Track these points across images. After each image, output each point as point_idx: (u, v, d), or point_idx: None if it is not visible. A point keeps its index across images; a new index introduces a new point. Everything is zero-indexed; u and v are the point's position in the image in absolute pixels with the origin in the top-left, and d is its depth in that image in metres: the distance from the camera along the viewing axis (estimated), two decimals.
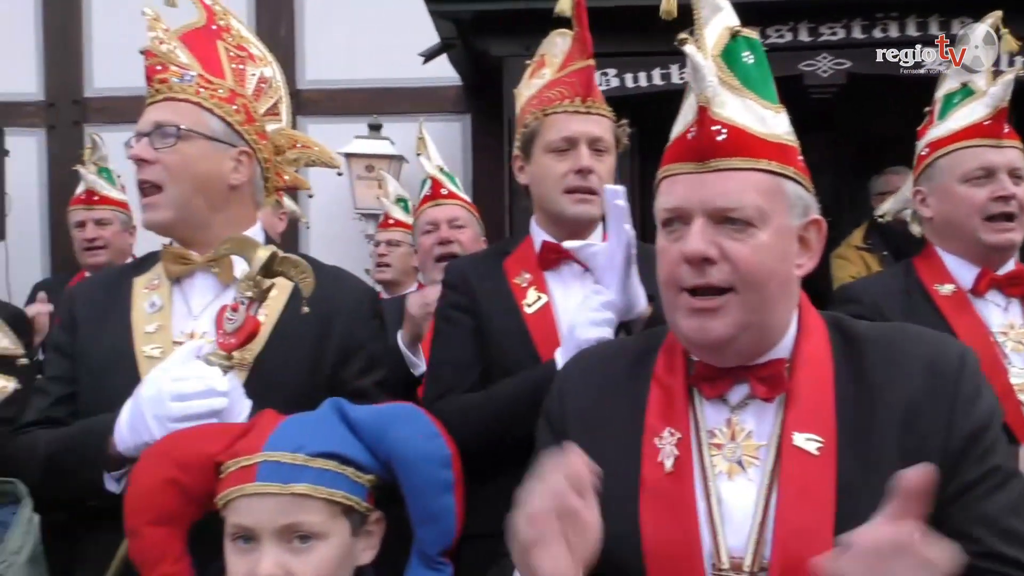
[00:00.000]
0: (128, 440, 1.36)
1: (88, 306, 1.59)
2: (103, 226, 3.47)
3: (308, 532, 1.13)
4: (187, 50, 1.59)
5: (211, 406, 1.32)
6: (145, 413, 1.33)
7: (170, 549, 1.19)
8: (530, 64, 2.00)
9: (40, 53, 4.79)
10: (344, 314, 1.57)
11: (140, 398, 1.35)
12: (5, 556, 1.16)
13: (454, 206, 2.99)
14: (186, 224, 1.56)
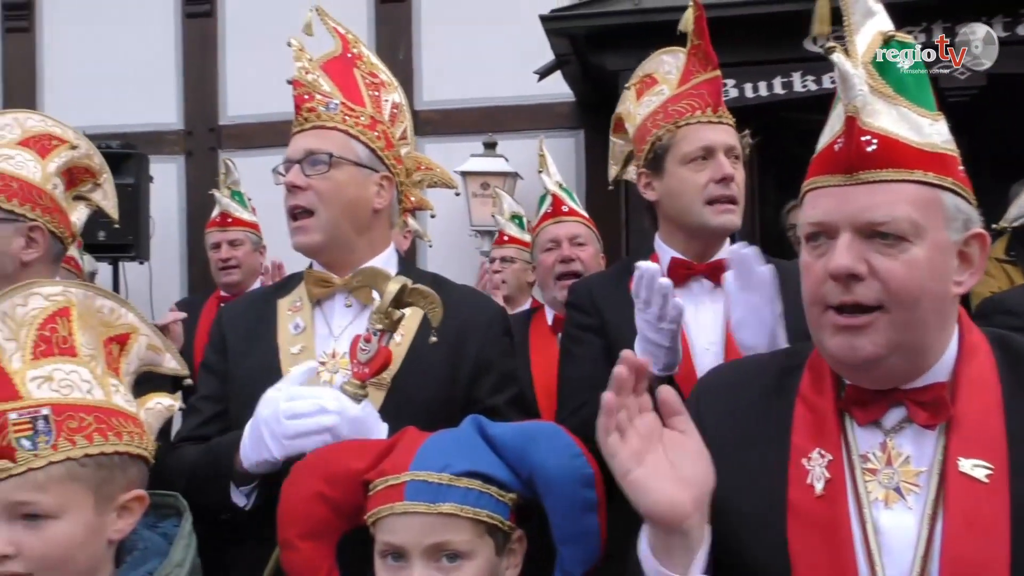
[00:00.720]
0: (251, 457, 1.41)
1: (237, 328, 1.66)
2: (235, 247, 3.66)
3: (456, 551, 1.14)
4: (329, 79, 1.66)
5: (322, 423, 1.35)
6: (263, 432, 1.38)
7: (322, 562, 1.23)
8: (631, 86, 1.99)
9: (180, 86, 5.10)
10: (476, 333, 1.60)
11: (258, 417, 1.40)
12: (170, 569, 1.21)
13: (575, 223, 2.97)
14: (334, 247, 1.62)
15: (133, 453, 1.21)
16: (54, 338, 1.20)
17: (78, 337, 1.23)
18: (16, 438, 1.11)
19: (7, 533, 1.11)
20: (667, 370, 1.57)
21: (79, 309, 1.25)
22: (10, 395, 1.13)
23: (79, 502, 1.14)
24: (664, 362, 1.55)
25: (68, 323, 1.23)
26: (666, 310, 1.49)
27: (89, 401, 1.18)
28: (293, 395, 1.38)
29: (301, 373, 1.43)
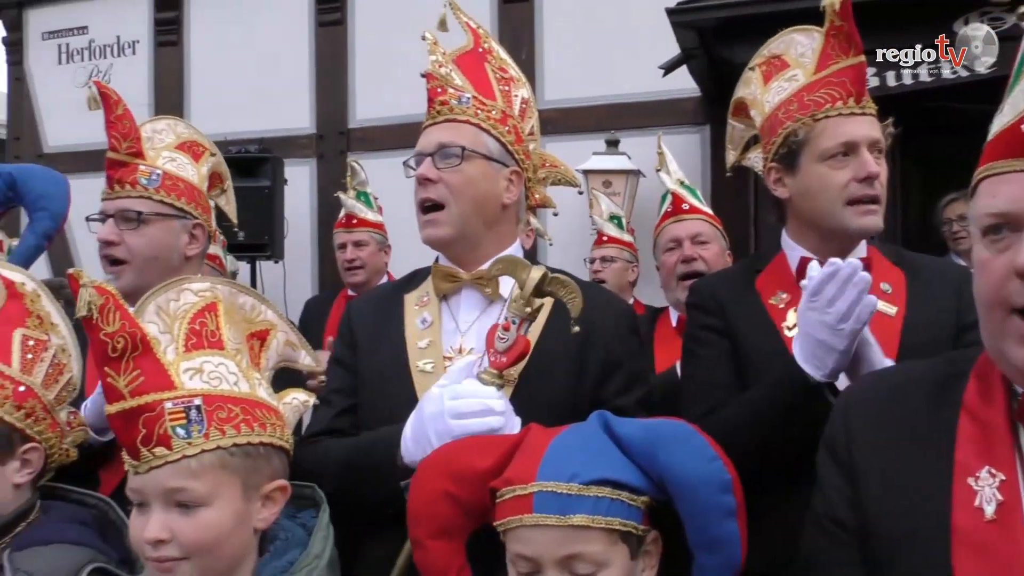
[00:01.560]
0: (413, 453, 1.41)
1: (365, 323, 1.69)
2: (361, 247, 3.76)
3: (590, 561, 1.11)
4: (461, 72, 1.66)
5: (488, 425, 1.35)
6: (428, 430, 1.38)
7: (452, 561, 1.23)
8: (756, 67, 1.84)
9: (312, 91, 5.31)
10: (604, 331, 1.56)
11: (423, 414, 1.41)
12: (310, 560, 1.24)
13: (697, 221, 2.88)
14: (462, 242, 1.62)
15: (276, 444, 1.25)
16: (204, 332, 1.26)
17: (225, 332, 1.28)
18: (172, 427, 1.16)
19: (163, 519, 1.16)
20: (832, 377, 1.47)
21: (225, 305, 1.31)
22: (166, 385, 1.18)
23: (228, 490, 1.18)
24: (831, 367, 1.45)
25: (216, 318, 1.28)
26: (856, 308, 1.38)
27: (236, 393, 1.23)
28: (458, 394, 1.38)
29: (461, 369, 1.43)
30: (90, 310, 1.16)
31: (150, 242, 1.93)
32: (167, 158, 2.00)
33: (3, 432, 1.46)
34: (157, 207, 1.95)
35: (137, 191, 1.93)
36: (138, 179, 1.94)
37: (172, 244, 1.96)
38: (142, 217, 1.92)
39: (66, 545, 1.46)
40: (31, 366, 1.52)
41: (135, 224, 1.92)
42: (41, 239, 2.42)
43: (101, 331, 1.17)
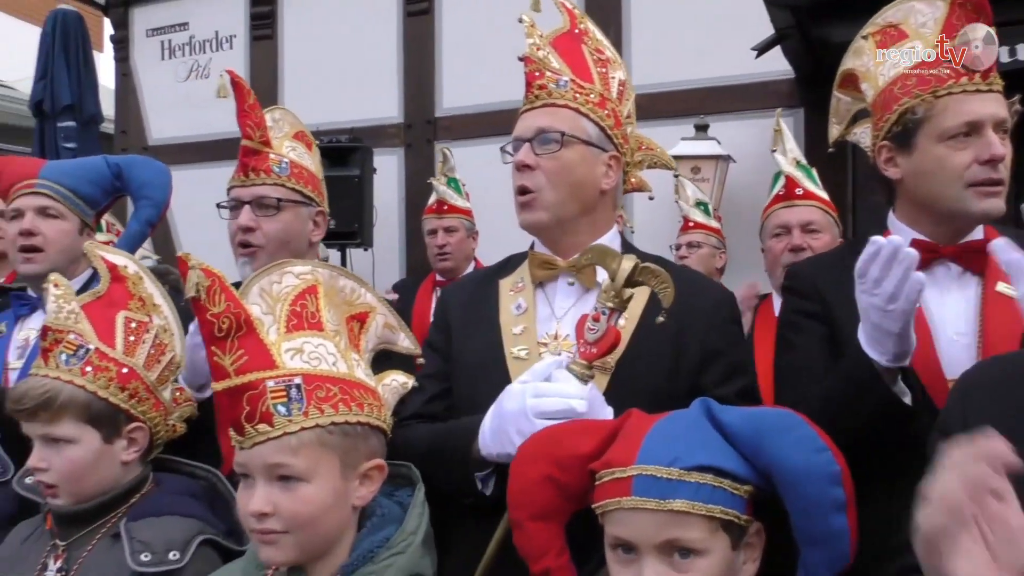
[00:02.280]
0: (491, 447, 1.42)
1: (460, 308, 1.69)
2: (451, 233, 3.82)
3: (689, 547, 1.10)
4: (558, 55, 1.64)
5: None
6: (508, 426, 1.38)
7: (552, 544, 1.23)
8: (869, 36, 1.72)
9: (400, 81, 5.39)
10: (702, 320, 1.53)
11: (503, 410, 1.40)
12: (405, 536, 1.27)
13: (809, 208, 2.75)
14: (558, 227, 1.60)
15: (373, 424, 1.28)
16: (304, 313, 1.29)
17: (324, 313, 1.31)
18: (273, 404, 1.20)
19: (266, 493, 1.20)
20: (897, 361, 1.41)
21: (325, 287, 1.34)
22: (268, 364, 1.22)
23: (327, 467, 1.22)
24: (892, 351, 1.39)
25: (316, 300, 1.32)
26: (903, 287, 1.32)
27: (334, 373, 1.26)
28: (540, 392, 1.37)
29: (546, 367, 1.42)
30: (198, 291, 1.21)
31: (283, 228, 2.01)
32: (289, 147, 2.08)
33: (109, 413, 1.54)
34: (289, 194, 2.03)
35: (272, 179, 2.02)
36: (271, 167, 2.02)
37: (301, 230, 2.05)
38: (280, 204, 2.00)
39: (177, 517, 1.54)
40: (133, 348, 1.60)
41: (272, 211, 2.00)
42: (144, 226, 2.52)
43: (208, 311, 1.21)
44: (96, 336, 1.56)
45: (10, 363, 2.24)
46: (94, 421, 1.52)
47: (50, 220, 2.29)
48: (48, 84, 4.69)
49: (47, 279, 2.26)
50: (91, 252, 1.71)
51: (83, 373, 1.51)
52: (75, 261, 2.36)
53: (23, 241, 2.26)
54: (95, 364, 1.53)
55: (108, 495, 1.55)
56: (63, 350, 1.52)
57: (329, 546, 1.26)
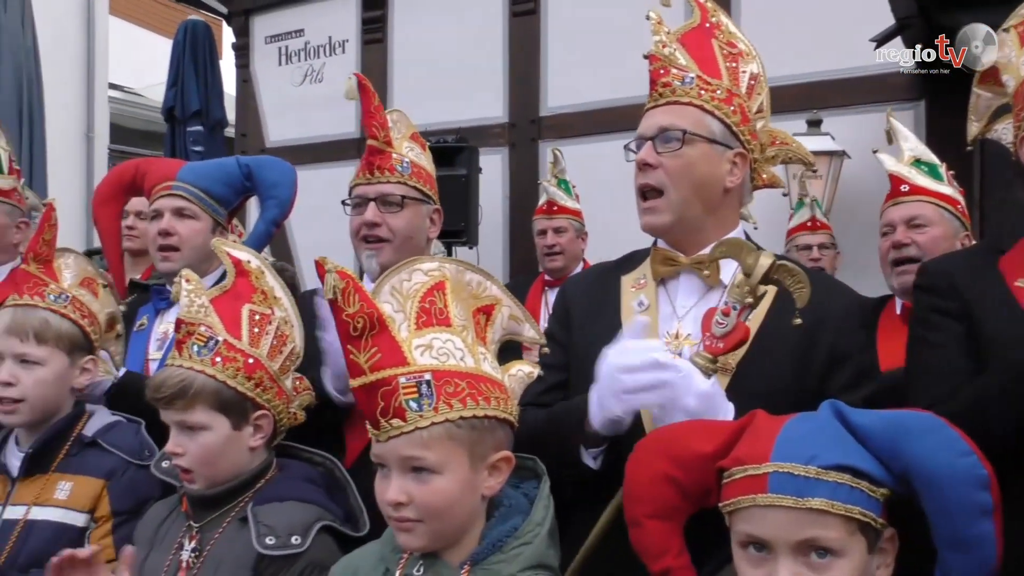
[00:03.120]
0: (597, 415, 1.43)
1: (580, 302, 1.71)
2: (560, 233, 3.84)
3: (827, 547, 1.08)
4: (686, 52, 1.62)
5: (658, 377, 1.34)
6: (604, 390, 1.40)
7: (671, 543, 1.23)
8: (1011, 28, 1.65)
9: (506, 81, 5.45)
10: (831, 323, 1.49)
11: (600, 376, 1.42)
12: (532, 527, 1.30)
13: (915, 203, 2.60)
14: (682, 227, 1.59)
15: (500, 417, 1.31)
16: (433, 310, 1.32)
17: (452, 309, 1.34)
18: (406, 400, 1.23)
19: (401, 484, 1.25)
20: None
21: (452, 283, 1.36)
22: (400, 361, 1.26)
23: (457, 460, 1.25)
24: None
25: (444, 296, 1.34)
26: None
27: (462, 368, 1.29)
28: (622, 349, 1.39)
29: (634, 329, 1.43)
30: (334, 294, 1.25)
31: (407, 224, 2.10)
32: (408, 147, 2.16)
33: (237, 401, 1.62)
34: (411, 192, 2.12)
35: (395, 177, 2.11)
36: (394, 166, 2.11)
37: (421, 226, 2.14)
38: (404, 201, 2.08)
39: (299, 502, 1.61)
40: (258, 339, 1.67)
41: (396, 208, 2.09)
42: (270, 225, 2.63)
43: (343, 312, 1.25)
44: (224, 328, 1.64)
45: (150, 354, 2.39)
46: (224, 409, 1.60)
47: (185, 220, 2.43)
48: (179, 91, 4.98)
49: None
50: (218, 248, 1.81)
51: (213, 363, 1.60)
52: (208, 259, 2.50)
53: (160, 241, 2.41)
54: (224, 355, 1.61)
55: (237, 480, 1.63)
56: (195, 341, 1.61)
57: (461, 534, 1.30)
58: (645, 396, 1.36)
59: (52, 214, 2.03)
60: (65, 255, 2.05)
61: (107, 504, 1.83)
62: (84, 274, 2.04)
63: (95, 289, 2.04)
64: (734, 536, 1.16)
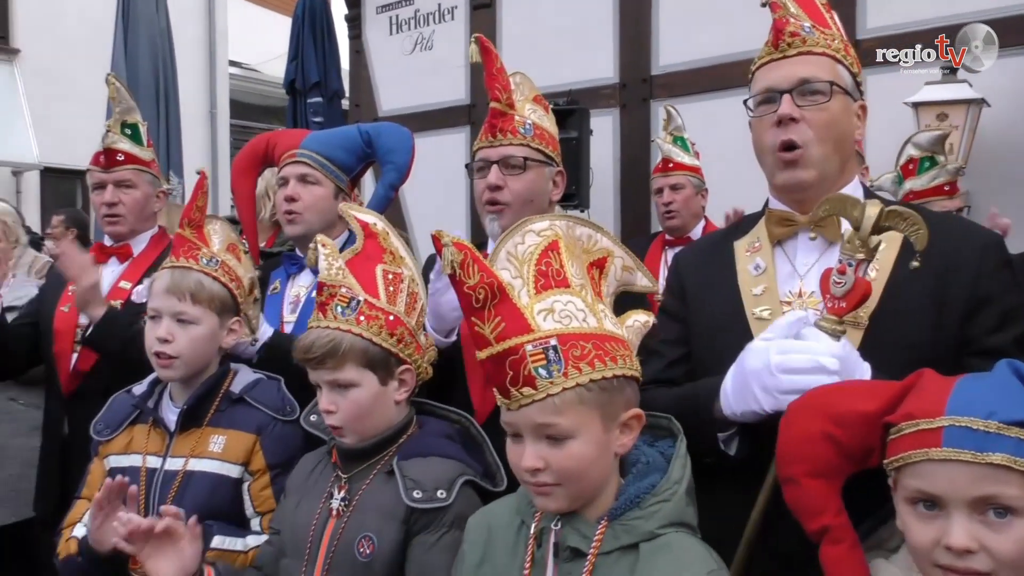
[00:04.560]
0: (734, 406, 1.39)
1: (694, 273, 1.67)
2: (677, 190, 3.76)
3: (1007, 506, 1.03)
4: (793, 1, 1.56)
5: (820, 382, 1.28)
6: (751, 384, 1.34)
7: (829, 502, 1.20)
8: None
9: (616, 41, 5.35)
10: (969, 266, 1.41)
11: (745, 368, 1.37)
12: (669, 484, 1.29)
13: None
14: (820, 185, 1.52)
15: (627, 375, 1.30)
16: (550, 272, 1.30)
17: (568, 268, 1.32)
18: (534, 368, 1.23)
19: (536, 450, 1.26)
20: None
21: (564, 240, 1.34)
22: (524, 329, 1.24)
23: (589, 422, 1.26)
24: None
25: (559, 256, 1.32)
26: None
27: (585, 329, 1.27)
28: (786, 348, 1.33)
29: (789, 323, 1.37)
30: (453, 267, 1.25)
31: (528, 186, 2.11)
32: (530, 109, 2.16)
33: (383, 357, 1.68)
34: (533, 154, 2.13)
35: (518, 139, 2.12)
36: (517, 128, 2.12)
37: (543, 189, 2.14)
38: (526, 164, 2.09)
39: (442, 458, 1.66)
40: (394, 297, 1.72)
41: (518, 170, 2.10)
42: (389, 190, 2.70)
43: (464, 285, 1.24)
44: (362, 289, 1.69)
45: (284, 317, 2.51)
46: (371, 365, 1.66)
47: (309, 186, 2.53)
48: (299, 64, 5.14)
49: (312, 240, 2.52)
50: (345, 212, 1.87)
51: (358, 322, 1.66)
52: (332, 224, 2.59)
53: (286, 206, 2.52)
54: (367, 314, 1.67)
55: (383, 434, 1.70)
56: (338, 303, 1.67)
57: (597, 493, 1.31)
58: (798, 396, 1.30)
59: (204, 182, 2.14)
60: (212, 221, 2.15)
61: (262, 458, 1.94)
62: (229, 240, 2.14)
63: (238, 254, 2.14)
64: (901, 492, 1.13)
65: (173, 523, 1.68)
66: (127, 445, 2.00)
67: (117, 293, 2.66)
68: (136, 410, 2.03)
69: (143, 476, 1.95)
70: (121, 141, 2.75)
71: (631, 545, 1.26)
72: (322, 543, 1.65)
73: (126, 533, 1.66)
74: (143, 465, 1.96)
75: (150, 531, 1.66)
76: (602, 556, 1.26)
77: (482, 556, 1.39)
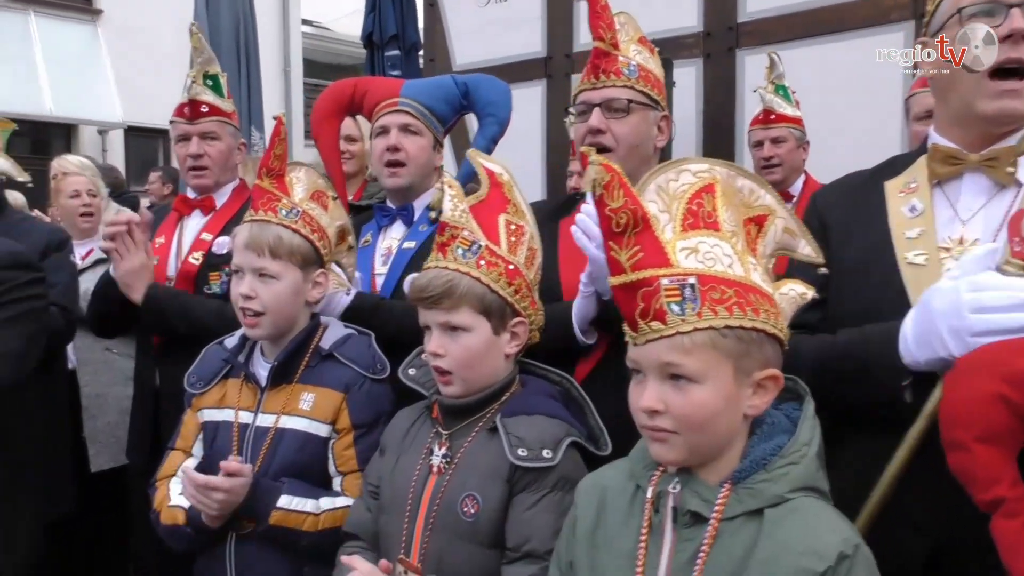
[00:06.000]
0: (916, 354, 1.28)
1: (838, 215, 1.56)
2: (778, 144, 3.57)
3: None
4: None
5: (1019, 321, 1.15)
6: (939, 327, 1.23)
7: (1004, 471, 1.09)
8: None
9: None
10: None
11: (931, 309, 1.25)
12: (798, 447, 1.21)
13: None
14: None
15: (769, 332, 1.20)
16: (700, 212, 1.23)
17: (721, 213, 1.24)
18: (667, 303, 1.16)
19: (657, 390, 1.18)
20: None
21: (722, 187, 1.26)
22: (662, 262, 1.18)
23: (719, 371, 1.17)
24: None
25: (712, 199, 1.24)
26: None
27: (730, 275, 1.19)
28: (979, 285, 1.21)
29: (978, 259, 1.25)
30: (595, 187, 1.20)
31: (633, 130, 2.00)
32: (635, 51, 2.04)
33: (499, 305, 1.61)
34: (638, 96, 2.01)
35: (622, 80, 2.00)
36: (621, 69, 2.00)
37: (648, 133, 2.03)
38: (630, 106, 1.97)
39: (546, 417, 1.59)
40: (515, 248, 1.66)
41: (622, 113, 1.98)
42: (490, 143, 2.61)
43: (606, 206, 1.20)
44: (484, 235, 1.63)
45: (376, 269, 2.46)
46: (486, 312, 1.60)
47: (411, 136, 2.45)
48: (376, 16, 5.06)
49: (410, 190, 2.43)
50: (474, 159, 1.78)
51: (478, 266, 1.60)
52: (429, 175, 2.51)
53: (389, 156, 2.44)
54: (487, 259, 1.61)
55: (488, 389, 1.64)
56: (459, 245, 1.61)
57: (719, 451, 1.22)
58: (995, 339, 1.18)
59: (281, 128, 2.03)
60: (297, 168, 2.08)
61: (347, 417, 1.90)
62: (315, 187, 2.07)
63: (325, 202, 2.07)
64: None
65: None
66: (220, 399, 1.99)
67: (199, 245, 2.65)
68: (228, 364, 2.01)
69: (235, 431, 1.93)
70: (204, 92, 2.72)
71: (756, 511, 1.17)
72: (422, 501, 1.61)
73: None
74: (235, 420, 1.94)
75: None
76: (725, 522, 1.18)
77: (595, 521, 1.32)
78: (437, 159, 2.54)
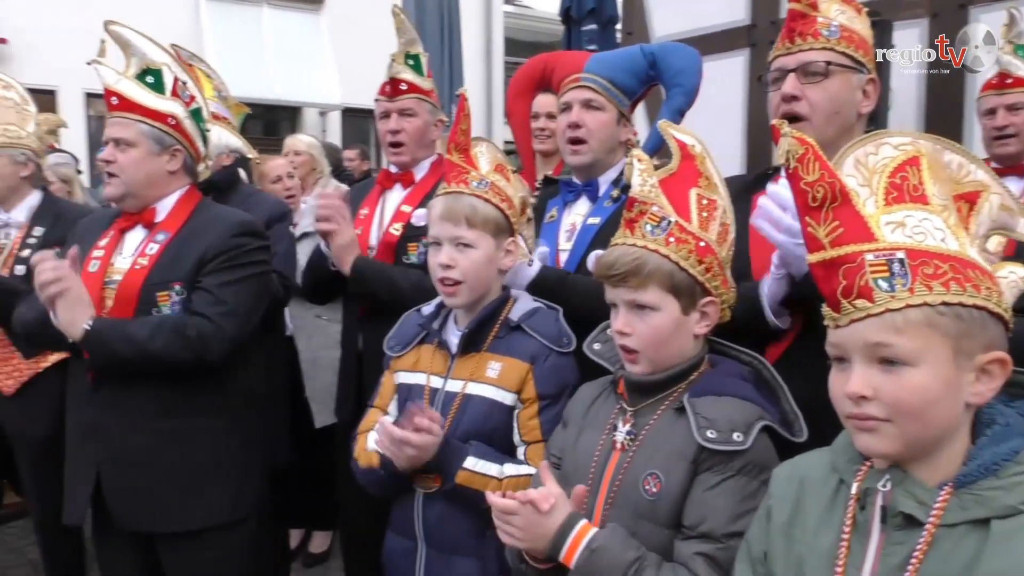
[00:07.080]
0: None
1: None
2: (1015, 111, 3.17)
3: None
4: None
5: None
6: None
7: None
8: None
9: None
10: None
11: None
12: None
13: None
14: None
15: (992, 311, 1.08)
16: (905, 186, 1.13)
17: (929, 187, 1.13)
18: (873, 279, 1.08)
19: (865, 375, 1.09)
20: None
21: (928, 160, 1.15)
22: (866, 237, 1.10)
23: (936, 352, 1.06)
24: None
25: (918, 172, 1.14)
26: None
27: (943, 250, 1.08)
28: None
29: None
30: (788, 159, 1.14)
31: (831, 96, 1.85)
32: (838, 10, 1.88)
33: (688, 284, 1.56)
34: (838, 58, 1.85)
35: (820, 42, 1.85)
36: (819, 30, 1.86)
37: (849, 99, 1.87)
38: (829, 69, 1.84)
39: (737, 399, 1.52)
40: (707, 223, 1.59)
41: (819, 78, 1.85)
42: (676, 115, 2.53)
43: (802, 180, 1.14)
44: (673, 210, 1.58)
45: (560, 245, 2.47)
46: (675, 291, 1.56)
47: (593, 112, 2.43)
48: None
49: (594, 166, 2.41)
50: (664, 130, 1.73)
51: (667, 243, 1.56)
52: (613, 151, 2.48)
53: (570, 133, 2.44)
54: (677, 236, 1.56)
55: (676, 368, 1.60)
56: (648, 221, 1.58)
57: (936, 446, 1.10)
58: None
59: (465, 104, 2.10)
60: (478, 143, 2.13)
61: (532, 387, 1.93)
62: (496, 160, 2.11)
63: (506, 174, 2.11)
64: None
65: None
66: (415, 363, 2.08)
67: (400, 216, 2.80)
68: (423, 330, 2.10)
69: (427, 395, 2.02)
70: (404, 71, 2.85)
71: (982, 520, 1.04)
72: (604, 476, 1.60)
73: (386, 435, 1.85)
74: (427, 384, 2.03)
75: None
76: (944, 528, 1.06)
77: (792, 514, 1.24)
78: (623, 133, 2.50)
